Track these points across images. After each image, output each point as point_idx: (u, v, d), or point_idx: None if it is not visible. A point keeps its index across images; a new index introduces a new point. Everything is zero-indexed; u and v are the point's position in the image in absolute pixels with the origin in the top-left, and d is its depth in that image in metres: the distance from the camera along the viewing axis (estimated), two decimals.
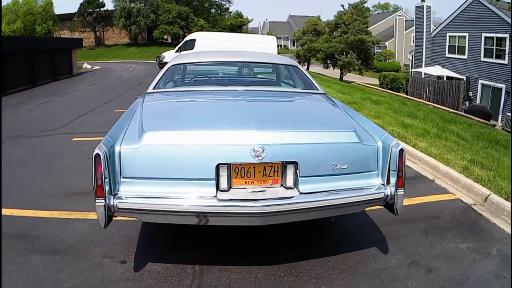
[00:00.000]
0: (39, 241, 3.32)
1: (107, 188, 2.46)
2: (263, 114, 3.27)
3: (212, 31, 32.76)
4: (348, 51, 28.36)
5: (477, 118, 14.18)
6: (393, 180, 2.89)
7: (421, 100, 20.48)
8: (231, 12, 48.22)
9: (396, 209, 2.93)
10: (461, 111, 18.33)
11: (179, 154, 2.59)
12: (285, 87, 4.84)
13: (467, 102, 22.55)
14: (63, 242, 3.29)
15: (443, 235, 3.81)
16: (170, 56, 20.97)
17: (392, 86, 26.78)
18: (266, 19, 67.98)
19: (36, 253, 3.14)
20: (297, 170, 2.69)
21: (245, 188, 2.67)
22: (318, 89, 4.26)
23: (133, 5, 40.24)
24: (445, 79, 24.25)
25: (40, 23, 35.09)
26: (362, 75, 30.98)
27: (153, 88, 4.08)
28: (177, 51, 20.75)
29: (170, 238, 3.50)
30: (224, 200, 2.55)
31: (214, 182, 2.58)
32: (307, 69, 32.72)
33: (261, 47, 19.67)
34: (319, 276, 3.04)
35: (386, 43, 46.11)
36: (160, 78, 4.28)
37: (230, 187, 2.65)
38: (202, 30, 32.17)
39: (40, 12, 35.10)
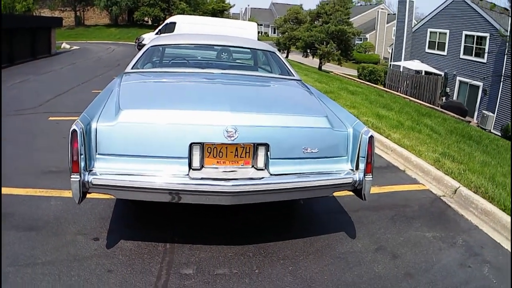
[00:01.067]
0: (14, 218, 3.29)
1: (82, 164, 2.47)
2: (237, 97, 3.30)
3: (194, 14, 32.18)
4: (328, 41, 28.44)
5: (452, 114, 14.41)
6: (362, 166, 2.94)
7: (398, 93, 20.74)
8: None
9: (364, 194, 2.98)
10: (438, 106, 18.65)
11: (154, 132, 2.61)
12: (262, 72, 4.85)
13: (444, 98, 22.96)
14: (38, 219, 3.28)
15: (410, 223, 3.83)
16: (149, 38, 20.55)
17: (370, 78, 27.00)
18: (248, 5, 67.53)
19: (11, 229, 3.13)
20: (268, 152, 2.73)
21: (217, 168, 2.70)
22: (294, 76, 4.28)
23: None
24: (423, 74, 24.55)
25: (20, 1, 33.72)
26: (341, 66, 31.19)
27: (131, 68, 4.05)
28: (157, 34, 20.45)
29: (143, 216, 3.51)
30: (196, 179, 2.57)
31: (187, 160, 2.61)
32: (286, 57, 32.66)
33: (241, 33, 19.53)
34: (286, 257, 3.06)
35: (367, 35, 46.37)
36: (139, 58, 4.24)
37: (202, 166, 2.68)
38: (183, 14, 31.48)
39: None
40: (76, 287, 2.45)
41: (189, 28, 19.81)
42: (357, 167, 2.94)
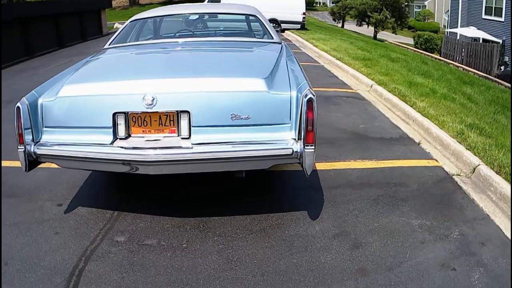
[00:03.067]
0: (2, 187, 3.34)
1: (28, 136, 2.61)
2: (178, 64, 3.19)
3: None
4: (381, 8, 26.55)
5: (507, 84, 12.55)
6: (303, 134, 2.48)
7: (453, 62, 18.79)
8: None
9: (304, 168, 2.50)
10: (494, 76, 16.60)
11: (84, 104, 2.66)
12: (240, 37, 4.49)
13: (502, 67, 20.41)
14: (22, 187, 3.36)
15: (396, 206, 2.98)
16: None
17: (426, 47, 24.77)
18: None
19: None
20: (190, 120, 2.52)
21: (143, 137, 2.59)
22: (273, 39, 4.03)
23: None
24: (480, 41, 22.00)
25: None
26: (396, 34, 29.10)
27: (109, 44, 4.02)
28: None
29: (108, 186, 3.50)
30: (119, 147, 2.54)
31: (111, 130, 2.58)
32: (342, 26, 30.98)
33: (290, 3, 18.73)
34: (223, 234, 2.66)
35: (426, 3, 42.67)
36: (117, 34, 4.24)
37: (129, 136, 2.60)
38: None
39: None
40: (26, 245, 2.57)
41: None
42: (300, 137, 2.49)
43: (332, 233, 2.61)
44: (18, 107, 2.58)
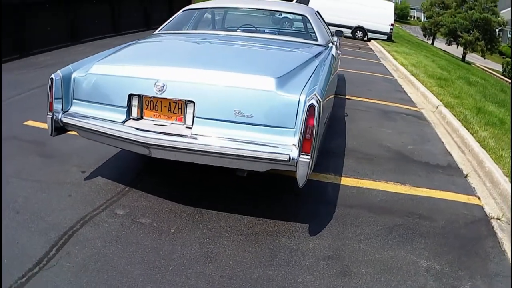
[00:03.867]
0: (43, 147, 3.69)
1: (57, 105, 2.84)
2: (199, 55, 3.15)
3: None
4: (472, 29, 24.58)
5: None
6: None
7: None
8: None
9: (297, 178, 2.34)
10: None
11: (107, 83, 2.81)
12: (283, 35, 4.35)
13: None
14: (59, 151, 3.62)
15: (410, 240, 2.66)
16: None
17: None
18: None
19: (36, 155, 3.55)
20: (194, 110, 2.52)
21: (153, 120, 2.66)
22: (317, 41, 3.91)
23: None
24: None
25: None
26: (485, 58, 26.76)
27: (158, 30, 4.15)
28: None
29: (130, 161, 3.57)
30: (127, 127, 2.63)
31: (125, 110, 2.69)
32: (432, 43, 29.19)
33: (379, 12, 18.07)
34: (213, 229, 2.61)
35: None
36: (168, 21, 4.34)
37: (141, 117, 2.69)
38: None
39: None
40: (40, 200, 2.81)
41: (325, 3, 19.25)
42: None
43: (324, 254, 2.40)
44: (52, 78, 2.81)
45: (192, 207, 2.81)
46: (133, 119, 2.67)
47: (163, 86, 2.50)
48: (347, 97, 6.54)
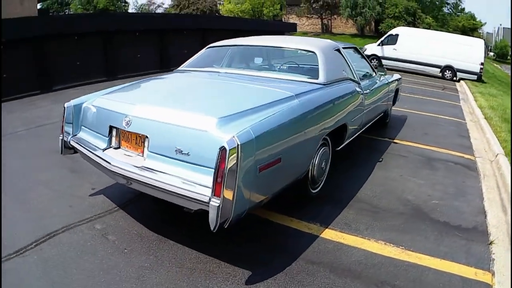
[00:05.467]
0: (75, 163, 4.19)
1: (68, 129, 3.34)
2: (170, 94, 3.29)
3: (441, 30, 29.40)
4: None
5: None
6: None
7: None
8: (465, 13, 42.08)
9: (209, 221, 2.28)
10: None
11: (100, 114, 3.14)
12: (285, 73, 4.23)
13: None
14: (85, 168, 3.88)
15: None
16: (371, 48, 20.35)
17: None
18: (500, 25, 57.03)
19: (67, 169, 4.19)
20: (148, 145, 2.72)
21: (127, 151, 2.90)
22: (318, 79, 3.73)
23: None
24: None
25: (268, 6, 38.18)
26: None
27: (181, 67, 4.45)
28: (379, 45, 20.34)
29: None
30: (104, 154, 2.92)
31: (107, 139, 3.02)
32: None
33: (467, 50, 16.77)
34: (161, 257, 2.72)
35: None
36: (193, 58, 4.58)
37: (119, 147, 2.97)
38: (429, 29, 29.43)
39: None
40: (46, 207, 3.34)
41: (412, 41, 18.65)
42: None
43: None
44: (64, 107, 3.35)
45: (157, 234, 2.94)
46: (113, 148, 2.97)
47: (130, 121, 2.76)
48: (394, 140, 5.98)
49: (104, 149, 2.98)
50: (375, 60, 19.77)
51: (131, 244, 2.79)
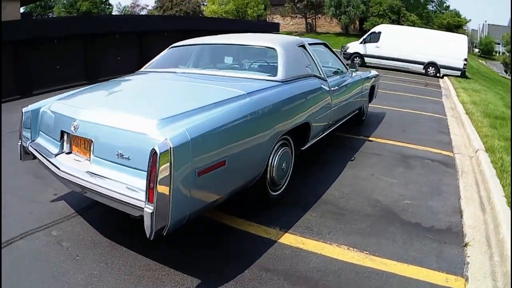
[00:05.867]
0: (40, 169, 3.73)
1: (26, 134, 3.20)
2: (117, 97, 3.21)
3: (425, 28, 29.55)
4: None
5: None
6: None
7: None
8: (450, 11, 42.40)
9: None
10: None
11: (54, 118, 2.98)
12: (241, 71, 4.06)
13: None
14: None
15: None
16: (354, 47, 20.19)
17: None
18: (485, 21, 57.81)
19: (31, 175, 3.87)
20: (93, 149, 2.58)
21: (77, 155, 2.75)
22: (276, 76, 3.47)
23: None
24: None
25: (252, 7, 38.02)
26: None
27: (143, 68, 4.21)
28: (361, 43, 20.27)
29: None
30: (55, 159, 2.78)
31: (59, 144, 2.86)
32: None
33: (450, 46, 16.69)
34: (111, 263, 2.46)
35: None
36: (155, 59, 4.33)
37: (70, 152, 2.82)
38: (413, 26, 29.42)
39: None
40: (8, 213, 3.16)
41: (395, 38, 18.55)
42: None
43: None
44: (22, 111, 3.21)
45: (110, 241, 2.76)
46: (65, 153, 2.82)
47: (77, 125, 2.62)
48: (369, 138, 5.71)
49: (56, 154, 2.84)
50: (357, 58, 19.65)
51: (84, 251, 2.65)
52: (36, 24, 10.95)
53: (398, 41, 18.47)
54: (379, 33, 19.53)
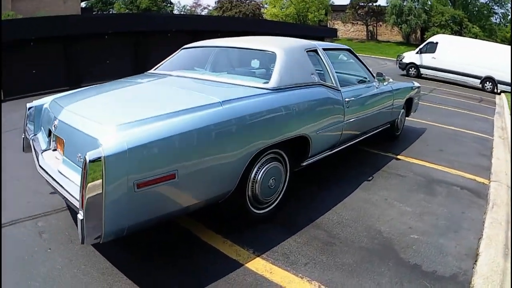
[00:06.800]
0: None
1: (30, 127, 3.29)
2: (107, 97, 3.13)
3: (487, 40, 27.80)
4: None
5: None
6: None
7: None
8: None
9: None
10: None
11: (47, 115, 3.05)
12: (237, 77, 3.59)
13: None
14: None
15: None
16: (410, 56, 19.30)
17: None
18: None
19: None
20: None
21: (59, 153, 2.74)
22: (267, 83, 3.13)
23: (405, 3, 37.78)
24: None
25: (313, 11, 37.52)
26: None
27: (153, 70, 4.08)
28: (417, 53, 19.21)
29: None
30: (41, 155, 2.84)
31: (47, 141, 2.92)
32: None
33: (506, 60, 15.37)
34: (70, 260, 2.54)
35: None
36: (164, 61, 4.19)
37: (56, 149, 2.81)
38: (476, 38, 27.70)
39: (312, 0, 37.80)
40: (9, 202, 3.33)
41: (452, 49, 17.44)
42: None
43: None
44: (26, 106, 3.33)
45: None
46: (51, 150, 2.84)
47: (56, 124, 2.65)
48: (398, 156, 5.18)
49: (44, 150, 2.89)
50: (413, 68, 18.67)
51: (57, 245, 2.71)
52: (13, 24, 9.73)
53: (456, 52, 17.31)
54: (436, 43, 18.41)
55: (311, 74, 3.50)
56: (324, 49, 3.95)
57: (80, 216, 1.98)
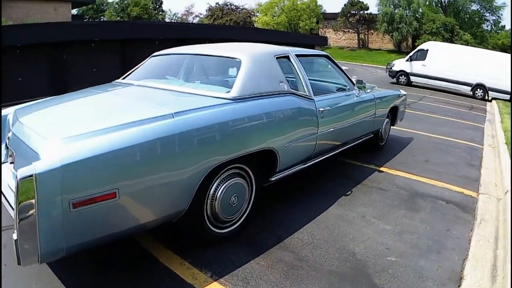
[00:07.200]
0: None
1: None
2: (68, 107, 2.95)
3: (479, 47, 27.89)
4: None
5: None
6: None
7: None
8: (505, 30, 39.80)
9: None
10: None
11: (7, 125, 2.88)
12: (198, 86, 3.41)
13: None
14: None
15: None
16: (400, 64, 19.23)
17: None
18: None
19: None
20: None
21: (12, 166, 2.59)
22: (228, 92, 2.89)
23: (396, 10, 37.98)
24: None
25: (304, 20, 37.63)
26: None
27: (121, 79, 3.85)
28: (407, 60, 19.12)
29: None
30: (6, 165, 2.66)
31: (6, 153, 2.74)
32: None
33: (501, 67, 15.30)
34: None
35: None
36: (133, 69, 3.95)
37: (12, 162, 2.60)
38: (467, 45, 27.80)
39: (304, 9, 37.91)
40: None
41: (442, 57, 17.36)
42: None
43: None
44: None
45: None
46: (9, 163, 2.60)
47: (10, 136, 2.53)
48: (381, 168, 4.90)
49: (2, 163, 2.72)
50: (403, 76, 18.56)
51: (12, 262, 2.41)
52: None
53: (446, 60, 17.22)
54: (427, 50, 18.36)
55: (280, 82, 3.23)
56: (298, 56, 3.69)
57: (14, 236, 1.84)
